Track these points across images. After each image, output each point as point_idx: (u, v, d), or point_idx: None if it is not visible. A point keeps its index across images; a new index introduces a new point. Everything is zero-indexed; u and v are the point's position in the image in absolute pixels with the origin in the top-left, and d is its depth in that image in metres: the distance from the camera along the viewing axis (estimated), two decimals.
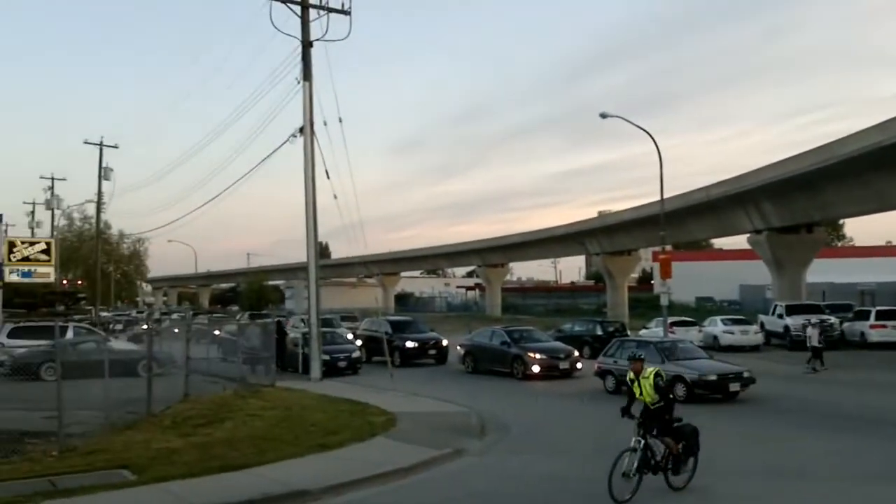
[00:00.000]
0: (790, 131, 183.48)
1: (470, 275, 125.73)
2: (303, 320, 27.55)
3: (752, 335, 36.48)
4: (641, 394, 10.56)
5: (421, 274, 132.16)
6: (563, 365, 26.23)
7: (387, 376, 23.02)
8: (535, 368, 25.83)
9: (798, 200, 39.43)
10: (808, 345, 27.10)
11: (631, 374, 10.78)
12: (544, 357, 26.26)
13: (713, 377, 19.71)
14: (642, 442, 10.15)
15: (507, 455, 13.83)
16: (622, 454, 10.01)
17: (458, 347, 30.17)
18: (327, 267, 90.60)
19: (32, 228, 70.02)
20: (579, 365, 26.71)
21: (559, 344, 29.02)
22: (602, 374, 22.66)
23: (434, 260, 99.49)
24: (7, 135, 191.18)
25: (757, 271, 56.00)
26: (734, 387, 19.85)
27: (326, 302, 39.56)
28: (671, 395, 10.57)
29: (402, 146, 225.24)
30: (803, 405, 19.32)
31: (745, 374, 20.14)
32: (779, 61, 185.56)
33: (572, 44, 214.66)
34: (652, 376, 10.49)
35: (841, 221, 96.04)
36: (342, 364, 27.82)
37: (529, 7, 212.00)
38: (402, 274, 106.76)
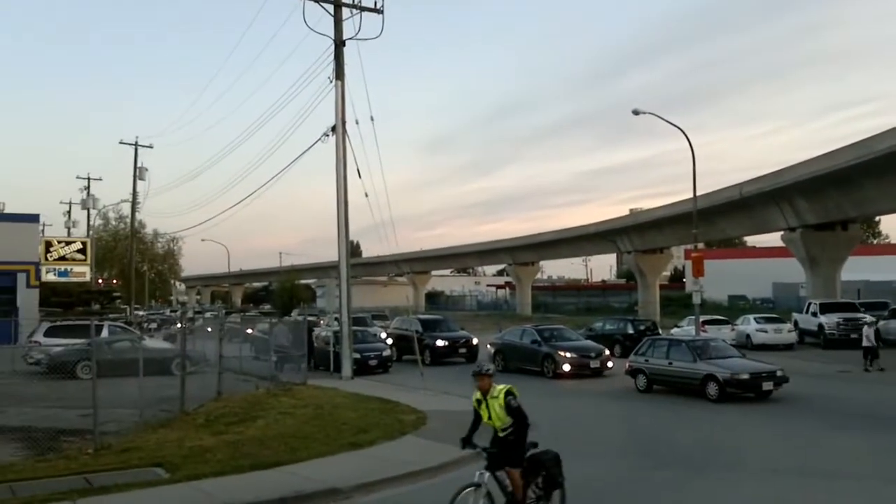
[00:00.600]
0: (826, 128, 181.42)
1: (500, 273, 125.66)
2: (336, 319, 27.65)
3: (786, 334, 36.06)
4: (490, 417, 8.76)
5: (451, 272, 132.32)
6: (594, 364, 26.11)
7: (417, 375, 23.04)
8: (566, 367, 25.73)
9: (833, 197, 38.90)
10: (863, 345, 26.43)
11: (477, 394, 8.89)
12: (575, 356, 26.16)
13: (746, 376, 19.46)
14: (486, 475, 8.45)
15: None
16: (461, 491, 8.40)
17: (489, 346, 30.11)
18: (358, 266, 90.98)
19: (69, 228, 71.18)
20: (610, 364, 26.58)
21: (590, 342, 28.88)
22: (633, 372, 22.55)
23: (464, 258, 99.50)
24: (45, 136, 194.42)
25: (790, 269, 55.44)
26: (767, 386, 19.59)
27: (357, 301, 39.80)
28: (526, 419, 8.77)
29: (433, 144, 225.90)
30: (837, 404, 19.06)
31: (779, 373, 19.86)
32: (815, 57, 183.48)
33: (604, 41, 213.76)
34: (502, 395, 8.69)
35: (877, 218, 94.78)
36: (373, 362, 27.90)
37: (562, 4, 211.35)
38: (433, 272, 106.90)
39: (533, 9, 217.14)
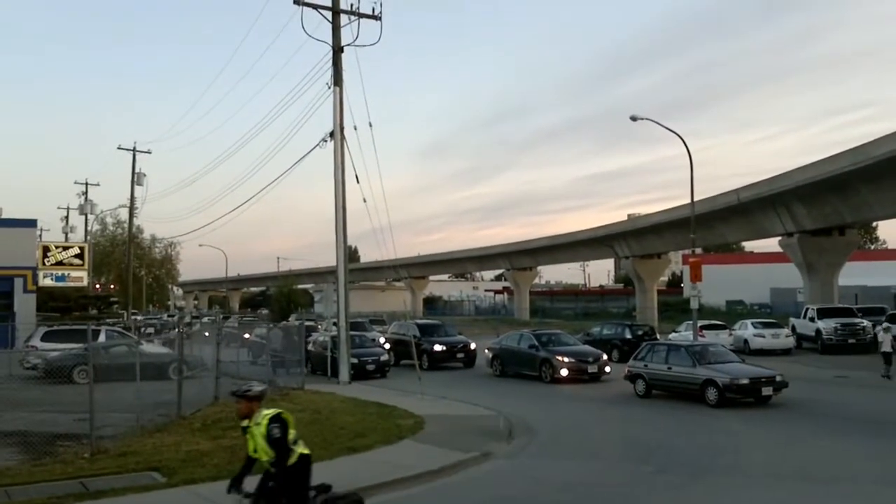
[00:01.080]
0: (823, 133, 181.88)
1: (498, 278, 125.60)
2: (334, 324, 27.63)
3: (783, 339, 35.98)
4: (255, 450, 7.07)
5: (449, 277, 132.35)
6: (592, 368, 26.02)
7: (415, 379, 22.99)
8: (564, 372, 25.64)
9: (831, 202, 38.93)
10: (880, 350, 25.94)
11: (244, 420, 7.16)
12: (572, 360, 26.06)
13: (745, 381, 19.30)
14: None
15: (535, 459, 13.77)
16: None
17: (487, 351, 30.03)
18: (356, 271, 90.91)
19: (66, 233, 70.98)
20: (608, 368, 26.50)
21: (588, 347, 28.82)
22: (632, 378, 22.42)
23: (462, 263, 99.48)
24: (42, 141, 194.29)
25: (788, 274, 55.45)
26: (767, 391, 19.39)
27: (355, 306, 39.71)
28: (295, 453, 7.07)
29: (431, 149, 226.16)
30: (836, 409, 18.99)
31: (778, 378, 19.75)
32: (812, 62, 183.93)
33: (602, 47, 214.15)
34: (266, 422, 6.94)
35: (874, 224, 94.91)
36: (370, 367, 27.81)
37: (559, 11, 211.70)
38: (431, 277, 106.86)
39: (528, 14, 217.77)
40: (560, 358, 26.11)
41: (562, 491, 11.22)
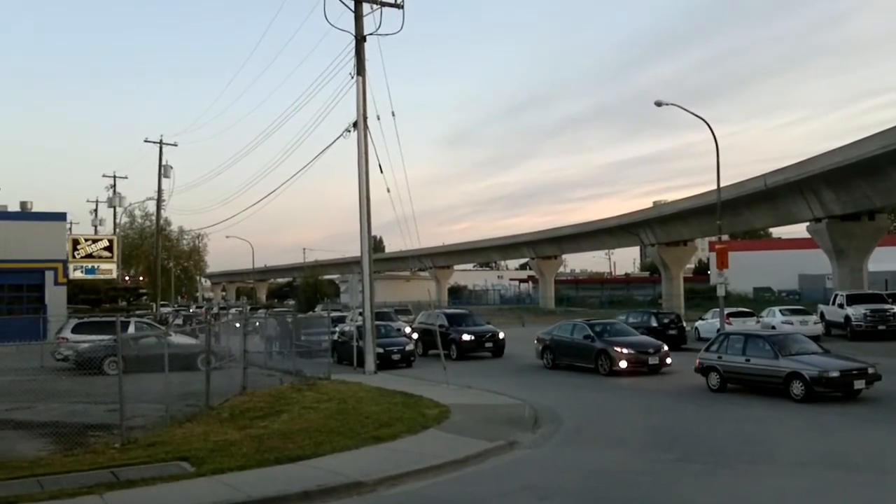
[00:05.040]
0: (851, 117, 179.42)
1: (523, 267, 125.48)
2: (360, 314, 27.77)
3: (811, 326, 35.37)
4: None
5: (474, 267, 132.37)
6: (653, 360, 24.78)
7: (440, 369, 22.96)
8: (623, 364, 24.42)
9: (859, 187, 38.44)
10: None
11: None
12: (632, 352, 24.82)
13: (835, 374, 17.76)
14: None
15: (560, 447, 13.76)
16: None
17: (536, 342, 29.03)
18: (381, 261, 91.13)
19: (95, 226, 71.83)
20: (669, 360, 25.13)
21: (647, 338, 27.31)
22: (704, 370, 20.80)
23: (486, 252, 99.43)
24: (71, 136, 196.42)
25: (816, 260, 54.94)
26: (858, 384, 17.95)
27: (380, 296, 39.84)
28: None
29: (454, 138, 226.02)
30: (867, 397, 18.38)
31: (870, 370, 18.16)
32: (839, 46, 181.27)
33: (625, 33, 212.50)
34: None
35: None
36: (396, 357, 27.93)
37: None
38: (455, 267, 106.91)
39: (551, 1, 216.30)
40: (618, 349, 24.87)
41: (585, 479, 11.22)
